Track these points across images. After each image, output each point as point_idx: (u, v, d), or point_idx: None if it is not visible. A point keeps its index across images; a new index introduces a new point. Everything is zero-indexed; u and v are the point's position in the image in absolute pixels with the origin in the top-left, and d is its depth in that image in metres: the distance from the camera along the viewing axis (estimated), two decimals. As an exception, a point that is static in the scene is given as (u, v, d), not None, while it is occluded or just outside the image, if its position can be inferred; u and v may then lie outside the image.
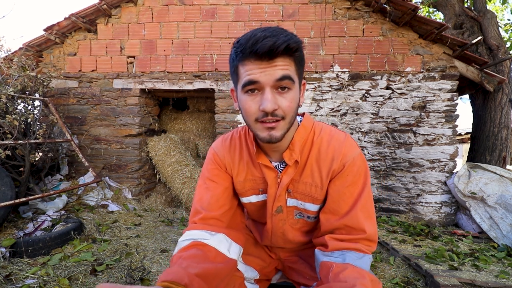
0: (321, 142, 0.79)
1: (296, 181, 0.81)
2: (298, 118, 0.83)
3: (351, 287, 0.60)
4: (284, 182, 0.80)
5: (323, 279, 0.69)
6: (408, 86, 2.97)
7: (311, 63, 3.05)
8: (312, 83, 3.04)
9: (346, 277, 0.64)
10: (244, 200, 0.90)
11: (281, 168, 0.82)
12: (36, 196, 2.12)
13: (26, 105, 2.72)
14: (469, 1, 4.64)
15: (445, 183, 2.94)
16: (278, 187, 0.82)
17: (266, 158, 0.81)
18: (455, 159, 2.96)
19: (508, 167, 3.48)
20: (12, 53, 2.96)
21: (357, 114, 3.02)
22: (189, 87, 3.13)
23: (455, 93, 2.94)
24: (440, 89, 2.94)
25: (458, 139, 7.42)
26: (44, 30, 2.98)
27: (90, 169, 2.63)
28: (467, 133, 7.46)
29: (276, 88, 0.65)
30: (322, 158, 0.78)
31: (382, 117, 3.00)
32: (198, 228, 0.79)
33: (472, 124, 3.78)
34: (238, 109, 0.75)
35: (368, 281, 0.63)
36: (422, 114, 2.96)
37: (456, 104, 2.95)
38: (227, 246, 0.79)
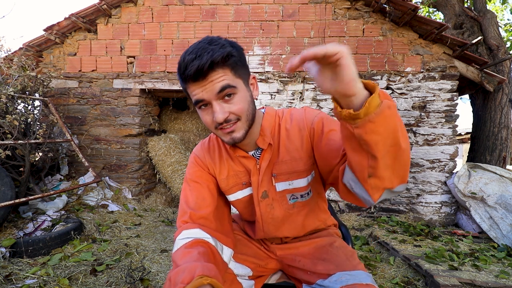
0: (285, 121, 0.87)
1: (276, 163, 0.86)
2: (262, 110, 0.90)
3: None
4: (263, 166, 0.85)
5: None
6: (408, 86, 2.97)
7: (311, 63, 3.04)
8: (312, 83, 3.04)
9: None
10: (231, 198, 0.92)
11: (258, 155, 0.87)
12: (36, 196, 2.12)
13: (26, 105, 2.72)
14: (469, 1, 4.64)
15: (445, 183, 2.94)
16: (259, 173, 0.86)
17: (242, 150, 0.87)
18: (455, 159, 2.96)
19: (508, 167, 3.48)
20: (12, 53, 2.96)
21: (357, 114, 3.01)
22: (189, 87, 3.13)
23: (455, 93, 2.94)
24: (440, 89, 2.94)
25: (458, 139, 7.42)
26: (44, 30, 2.98)
27: (90, 169, 2.63)
28: (467, 133, 7.46)
29: (222, 98, 0.71)
30: (291, 133, 0.85)
31: (382, 117, 2.99)
32: (193, 227, 0.81)
33: (472, 124, 3.78)
34: None
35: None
36: (422, 114, 2.96)
37: (456, 104, 2.95)
38: (221, 248, 0.82)
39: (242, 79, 0.74)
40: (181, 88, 3.11)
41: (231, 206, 0.99)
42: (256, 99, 0.82)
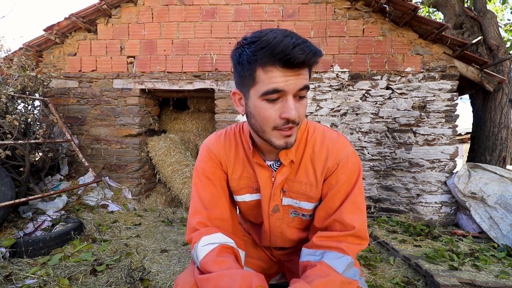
0: (314, 142, 0.80)
1: (291, 180, 0.82)
2: None
3: (307, 283, 0.63)
4: (278, 181, 0.81)
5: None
6: (408, 86, 2.97)
7: (311, 63, 3.04)
8: (312, 83, 3.04)
9: (311, 274, 0.66)
10: (238, 199, 0.89)
11: (275, 167, 0.82)
12: (36, 196, 2.12)
13: (26, 105, 2.72)
14: (469, 1, 4.64)
15: (445, 183, 2.94)
16: (273, 186, 0.82)
17: (260, 157, 0.82)
18: (455, 159, 2.96)
19: (508, 167, 3.48)
20: (12, 53, 2.96)
21: (357, 114, 3.02)
22: (189, 87, 3.13)
23: (455, 93, 2.94)
24: (440, 89, 2.94)
25: (458, 139, 7.42)
26: (44, 30, 2.98)
27: (90, 169, 2.63)
28: (467, 133, 7.45)
29: (295, 96, 0.65)
30: (316, 157, 0.79)
31: (382, 117, 3.00)
32: (213, 231, 0.78)
33: (472, 124, 3.78)
34: (243, 114, 0.73)
35: (331, 280, 0.64)
36: (422, 114, 2.96)
37: (456, 104, 2.95)
38: (237, 252, 0.81)
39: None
40: (180, 88, 3.12)
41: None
42: None
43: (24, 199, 2.03)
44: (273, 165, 0.82)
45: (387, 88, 2.99)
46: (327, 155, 0.78)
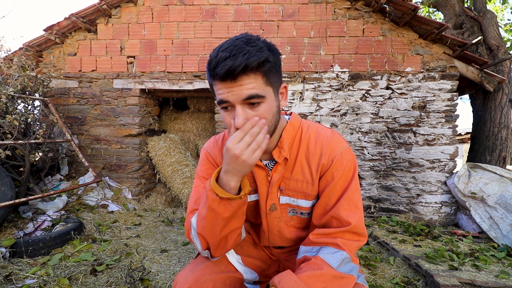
0: (309, 139, 0.81)
1: (287, 178, 0.83)
2: (286, 117, 0.86)
3: (296, 274, 0.65)
4: (274, 179, 0.82)
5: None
6: (408, 86, 2.97)
7: (311, 63, 3.05)
8: (312, 83, 3.04)
9: (303, 266, 0.67)
10: None
11: (271, 166, 0.84)
12: (36, 196, 2.12)
13: (26, 105, 2.72)
14: (469, 1, 4.63)
15: (445, 183, 2.94)
16: (269, 185, 0.84)
17: None
18: (455, 159, 2.96)
19: (508, 167, 3.48)
20: (12, 53, 2.96)
21: (357, 114, 3.02)
22: (189, 87, 3.13)
23: (455, 93, 2.94)
24: (440, 89, 2.94)
25: (458, 139, 7.42)
26: (44, 30, 2.98)
27: (90, 169, 2.63)
28: (467, 133, 7.46)
29: (247, 104, 0.67)
30: (311, 154, 0.80)
31: (382, 117, 3.00)
32: None
33: (472, 124, 3.78)
34: None
35: (323, 274, 0.65)
36: (422, 114, 2.96)
37: (456, 104, 2.95)
38: (228, 254, 0.84)
39: (273, 87, 0.70)
40: (180, 88, 3.13)
41: None
42: (282, 109, 0.79)
43: (24, 199, 2.03)
44: (268, 164, 0.84)
45: (387, 88, 2.99)
46: (322, 152, 0.79)
